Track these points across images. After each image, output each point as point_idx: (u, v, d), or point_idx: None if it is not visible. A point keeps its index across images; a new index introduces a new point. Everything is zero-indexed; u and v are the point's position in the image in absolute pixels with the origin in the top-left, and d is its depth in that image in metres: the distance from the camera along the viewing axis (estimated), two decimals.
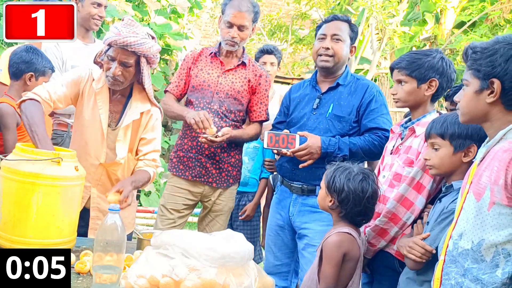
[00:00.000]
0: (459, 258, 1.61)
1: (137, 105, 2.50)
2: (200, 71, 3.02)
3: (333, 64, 2.73)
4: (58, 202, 1.96)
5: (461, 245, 1.61)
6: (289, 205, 2.78)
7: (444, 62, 2.29)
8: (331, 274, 2.06)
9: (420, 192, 2.17)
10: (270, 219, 2.93)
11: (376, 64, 8.89)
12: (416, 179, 2.17)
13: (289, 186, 2.78)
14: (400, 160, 2.27)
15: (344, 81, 2.77)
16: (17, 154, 1.98)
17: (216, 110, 2.96)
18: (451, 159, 2.02)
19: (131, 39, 2.30)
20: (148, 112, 2.53)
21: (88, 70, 2.51)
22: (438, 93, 2.32)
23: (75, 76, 2.47)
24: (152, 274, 1.62)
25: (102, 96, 2.47)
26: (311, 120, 2.74)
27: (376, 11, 8.15)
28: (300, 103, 2.83)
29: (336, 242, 2.09)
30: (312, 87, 2.84)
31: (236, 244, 1.71)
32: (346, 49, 2.75)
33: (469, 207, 1.61)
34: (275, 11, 10.66)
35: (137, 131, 2.52)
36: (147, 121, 2.53)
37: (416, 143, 2.24)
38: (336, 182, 2.14)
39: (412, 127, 2.29)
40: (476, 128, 1.93)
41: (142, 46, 2.33)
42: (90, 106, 2.46)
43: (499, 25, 8.41)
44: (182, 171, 3.01)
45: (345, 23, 2.77)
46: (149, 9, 6.12)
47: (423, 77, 2.27)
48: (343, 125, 2.68)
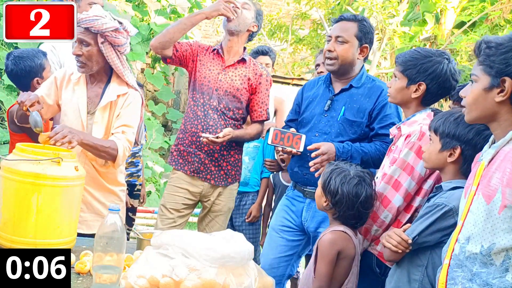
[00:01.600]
0: (466, 262, 1.57)
1: (115, 88, 2.50)
2: (202, 66, 3.04)
3: (337, 67, 2.65)
4: (58, 202, 1.96)
5: (468, 249, 1.55)
6: (302, 210, 2.73)
7: (441, 67, 2.19)
8: (325, 272, 2.07)
9: (397, 190, 2.15)
10: (276, 219, 2.86)
11: (376, 64, 8.89)
12: (394, 177, 2.16)
13: (303, 191, 2.73)
14: (388, 160, 2.26)
15: (358, 83, 2.69)
16: (17, 154, 1.98)
17: (215, 106, 2.97)
18: (437, 156, 1.98)
19: (83, 15, 2.36)
20: (125, 94, 2.49)
21: (64, 69, 2.58)
22: (428, 98, 2.25)
23: (51, 79, 2.53)
24: (152, 274, 1.62)
25: (80, 85, 2.50)
26: (322, 122, 2.68)
27: (376, 11, 8.15)
28: (312, 103, 2.77)
29: (330, 240, 2.10)
30: (325, 87, 2.77)
31: (236, 244, 1.71)
32: (352, 50, 2.64)
33: (478, 210, 1.55)
34: (275, 11, 10.66)
35: (114, 113, 2.49)
36: (124, 101, 2.49)
37: (400, 142, 2.21)
38: (332, 184, 2.13)
39: (399, 127, 2.27)
40: (465, 131, 1.91)
41: (93, 22, 2.35)
42: (69, 97, 2.49)
43: (499, 25, 8.41)
44: (182, 165, 3.03)
45: (353, 22, 2.66)
46: (149, 9, 6.13)
47: (413, 78, 2.21)
48: (355, 129, 2.62)
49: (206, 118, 2.97)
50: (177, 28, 2.96)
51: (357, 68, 2.72)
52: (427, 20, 9.02)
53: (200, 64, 3.04)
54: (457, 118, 1.94)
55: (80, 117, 2.46)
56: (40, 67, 2.82)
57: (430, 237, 1.90)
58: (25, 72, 2.80)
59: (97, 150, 2.32)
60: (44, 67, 2.85)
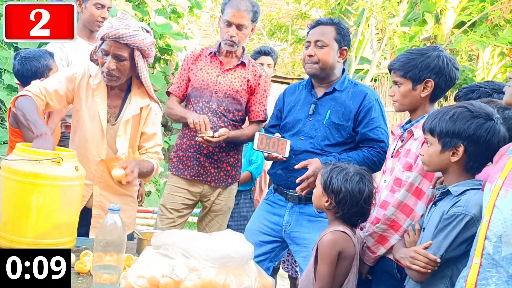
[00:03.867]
0: (502, 262, 1.49)
1: (137, 100, 2.49)
2: (199, 71, 3.03)
3: (319, 71, 2.63)
4: (58, 202, 1.96)
5: (504, 248, 1.48)
6: (284, 215, 2.66)
7: (441, 60, 2.17)
8: (327, 273, 2.06)
9: (419, 198, 2.09)
10: (254, 223, 2.78)
11: (376, 64, 8.90)
12: (415, 185, 2.10)
13: (285, 195, 2.66)
14: (400, 164, 2.19)
15: (341, 86, 2.66)
16: (17, 154, 1.98)
17: (215, 109, 2.96)
18: (439, 158, 1.90)
19: (123, 31, 2.29)
20: (147, 107, 2.51)
21: (85, 67, 2.50)
22: (437, 94, 2.22)
23: (69, 73, 2.46)
24: (152, 274, 1.62)
25: (100, 92, 2.45)
26: (307, 126, 2.64)
27: (376, 11, 8.16)
28: (295, 108, 2.74)
29: (330, 241, 2.08)
30: (307, 92, 2.73)
31: (236, 244, 1.71)
32: (332, 53, 2.62)
33: (506, 207, 1.49)
34: (275, 11, 10.67)
35: (138, 126, 2.51)
36: (147, 115, 2.51)
37: (414, 146, 2.16)
38: (334, 183, 2.11)
39: (410, 130, 2.21)
40: (465, 126, 1.84)
41: (135, 38, 2.31)
42: (88, 102, 2.45)
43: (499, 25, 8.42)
44: (181, 171, 3.02)
45: (330, 26, 2.64)
46: (149, 9, 6.13)
47: (417, 78, 2.17)
48: (341, 133, 2.59)
49: None
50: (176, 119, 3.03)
51: (338, 72, 2.70)
52: (427, 20, 9.03)
53: (196, 69, 3.03)
54: (453, 115, 1.87)
55: (100, 125, 2.43)
56: (46, 67, 2.83)
57: (456, 250, 1.81)
58: (31, 72, 2.81)
59: (147, 175, 2.54)
60: (51, 68, 2.85)
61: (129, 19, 2.36)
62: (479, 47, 8.22)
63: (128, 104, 2.48)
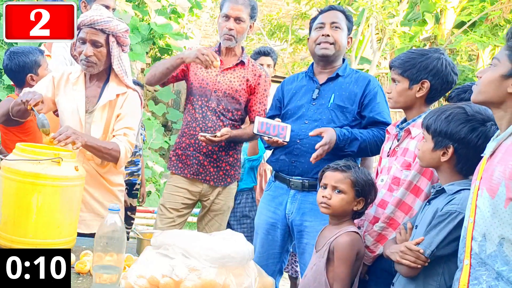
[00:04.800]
0: (488, 260, 1.51)
1: (114, 87, 2.50)
2: (199, 69, 3.04)
3: (333, 52, 2.66)
4: (58, 202, 1.96)
5: (488, 246, 1.50)
6: (286, 202, 2.65)
7: (440, 62, 2.19)
8: (347, 275, 2.05)
9: (418, 195, 2.11)
10: (260, 217, 2.78)
11: (376, 64, 8.90)
12: (413, 183, 2.11)
13: (287, 182, 2.64)
14: (397, 163, 2.20)
15: (344, 72, 2.70)
16: (17, 154, 1.98)
17: (214, 108, 2.97)
18: (430, 155, 1.92)
19: (97, 17, 2.38)
20: (124, 93, 2.50)
21: (65, 68, 2.60)
22: (433, 95, 2.23)
23: (50, 76, 2.53)
24: (152, 274, 1.62)
25: (78, 85, 2.50)
26: (311, 110, 2.65)
27: (376, 11, 8.16)
28: (296, 94, 2.75)
29: (349, 242, 2.07)
30: (309, 78, 2.76)
31: (236, 244, 1.71)
32: (345, 37, 2.69)
33: (484, 205, 1.52)
34: (275, 11, 10.66)
35: (113, 112, 2.49)
36: (123, 101, 2.49)
37: (412, 145, 2.16)
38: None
39: (407, 129, 2.22)
40: (457, 129, 1.85)
41: (109, 24, 2.39)
42: (67, 96, 2.49)
43: (499, 25, 8.42)
44: (181, 169, 3.03)
45: (342, 13, 2.72)
46: (149, 9, 6.13)
47: (415, 77, 2.19)
48: (346, 116, 2.60)
49: (205, 120, 2.97)
50: (162, 72, 2.97)
51: (340, 59, 2.75)
52: (427, 20, 9.03)
53: (196, 68, 3.04)
54: (449, 116, 1.88)
55: (79, 115, 2.45)
56: (34, 63, 2.84)
57: (447, 247, 1.81)
58: (19, 67, 2.82)
59: (100, 152, 2.33)
60: (40, 64, 2.86)
61: (102, 9, 2.45)
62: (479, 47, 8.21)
63: (106, 91, 2.50)
